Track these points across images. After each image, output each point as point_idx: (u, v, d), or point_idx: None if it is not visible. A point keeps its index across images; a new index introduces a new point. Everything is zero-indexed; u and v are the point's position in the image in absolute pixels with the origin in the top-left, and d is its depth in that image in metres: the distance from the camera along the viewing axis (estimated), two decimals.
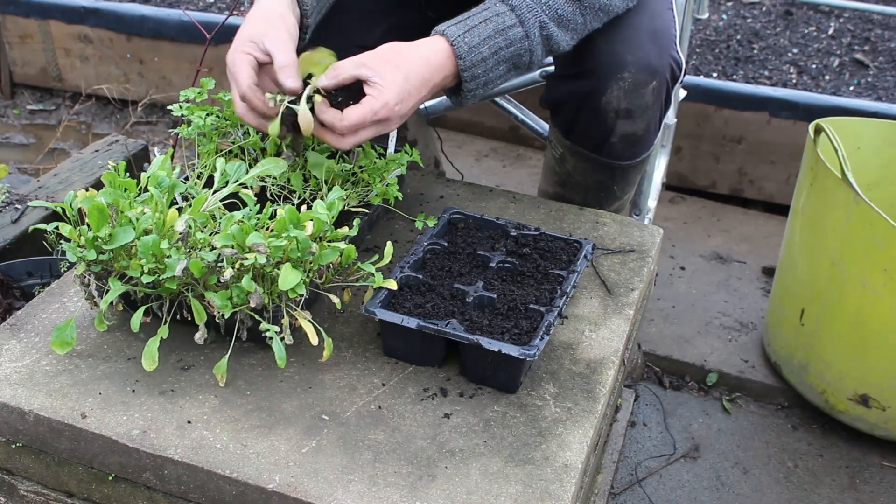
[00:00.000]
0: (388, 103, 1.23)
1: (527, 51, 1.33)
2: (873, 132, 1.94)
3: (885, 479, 1.78)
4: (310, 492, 1.03)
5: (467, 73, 1.30)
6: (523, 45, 1.32)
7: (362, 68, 1.24)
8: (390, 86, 1.23)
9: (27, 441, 1.16)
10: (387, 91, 1.23)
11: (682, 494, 1.73)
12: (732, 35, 3.11)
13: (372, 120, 1.24)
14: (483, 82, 1.33)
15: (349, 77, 1.25)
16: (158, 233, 1.15)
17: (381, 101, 1.23)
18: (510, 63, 1.34)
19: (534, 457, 1.09)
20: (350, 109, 1.24)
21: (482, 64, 1.30)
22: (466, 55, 1.29)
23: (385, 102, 1.23)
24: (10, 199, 1.94)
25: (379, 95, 1.23)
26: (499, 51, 1.31)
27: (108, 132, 2.99)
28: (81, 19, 3.01)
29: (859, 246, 1.66)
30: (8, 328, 1.26)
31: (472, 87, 1.33)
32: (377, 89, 1.23)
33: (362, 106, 1.23)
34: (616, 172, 1.63)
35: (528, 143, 2.84)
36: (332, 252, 1.16)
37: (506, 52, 1.32)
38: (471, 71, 1.30)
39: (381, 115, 1.23)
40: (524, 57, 1.34)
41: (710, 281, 2.27)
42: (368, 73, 1.24)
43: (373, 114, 1.23)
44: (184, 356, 1.22)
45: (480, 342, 1.14)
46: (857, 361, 1.74)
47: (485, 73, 1.32)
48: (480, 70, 1.31)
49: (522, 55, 1.34)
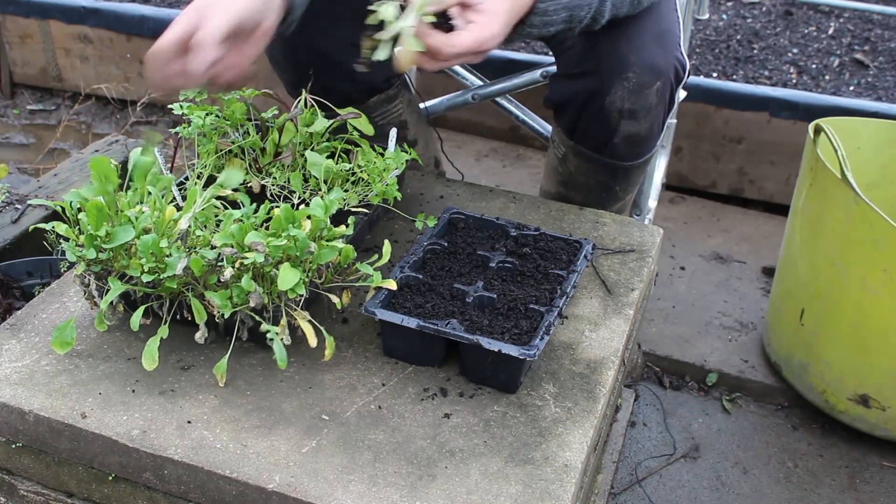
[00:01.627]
0: (496, 35, 1.17)
1: (588, 5, 1.29)
2: (873, 132, 1.93)
3: (885, 479, 1.78)
4: (310, 492, 1.03)
5: (542, 6, 1.24)
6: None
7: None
8: (498, 15, 1.17)
9: (27, 441, 1.16)
10: (496, 21, 1.16)
11: (682, 494, 1.73)
12: (732, 35, 3.11)
13: (475, 51, 1.17)
14: (545, 21, 1.27)
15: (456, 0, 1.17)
16: (158, 231, 1.15)
17: (490, 32, 1.16)
18: (571, 13, 1.29)
19: (534, 457, 1.09)
20: (457, 36, 1.16)
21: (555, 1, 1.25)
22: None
23: (493, 34, 1.16)
24: (10, 199, 1.94)
25: (489, 24, 1.16)
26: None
27: (108, 132, 2.98)
28: (81, 19, 3.00)
29: (859, 246, 1.66)
30: (8, 328, 1.26)
31: (536, 23, 1.26)
32: (487, 17, 1.16)
33: (471, 34, 1.16)
34: (618, 173, 1.63)
35: (528, 143, 2.84)
36: (331, 251, 1.16)
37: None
38: (546, 4, 1.24)
39: (486, 46, 1.16)
40: (583, 11, 1.29)
41: (710, 281, 2.27)
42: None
43: (478, 44, 1.16)
44: (184, 356, 1.22)
45: (480, 342, 1.14)
46: (857, 361, 1.74)
47: (553, 13, 1.26)
48: (552, 7, 1.25)
49: (583, 8, 1.29)
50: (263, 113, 1.48)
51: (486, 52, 1.18)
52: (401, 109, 1.82)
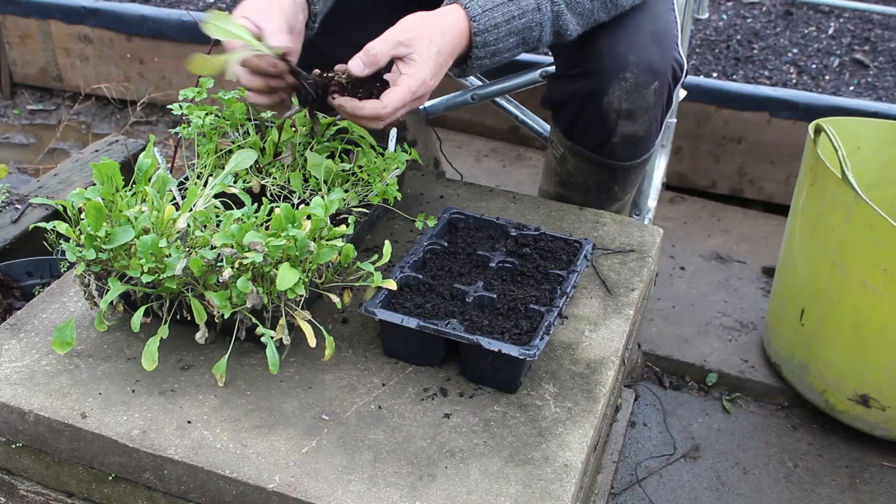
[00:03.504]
0: (426, 81, 1.20)
1: (537, 24, 1.31)
2: (873, 132, 1.93)
3: (885, 479, 1.78)
4: (310, 492, 1.03)
5: (479, 38, 1.26)
6: (534, 18, 1.30)
7: (399, 47, 1.20)
8: (426, 62, 1.20)
9: (27, 441, 1.16)
10: (424, 68, 1.20)
11: (682, 494, 1.73)
12: (732, 35, 3.11)
13: (411, 100, 1.20)
14: (492, 51, 1.29)
15: (386, 60, 1.21)
16: (157, 231, 1.15)
17: (419, 80, 1.20)
18: (520, 36, 1.30)
19: (534, 457, 1.09)
20: (389, 94, 1.20)
21: (494, 31, 1.27)
22: (480, 17, 1.25)
23: (423, 80, 1.20)
24: (10, 199, 1.94)
25: (417, 73, 1.20)
26: (511, 19, 1.28)
27: (108, 132, 2.99)
28: (81, 19, 3.01)
29: (859, 246, 1.66)
30: (8, 328, 1.26)
31: (482, 55, 1.29)
32: (414, 67, 1.20)
33: (401, 87, 1.20)
34: (617, 173, 1.63)
35: (528, 143, 2.84)
36: (331, 251, 1.16)
37: (518, 22, 1.28)
38: (483, 36, 1.26)
39: (419, 93, 1.20)
40: (535, 31, 1.31)
41: (710, 281, 2.27)
42: (406, 51, 1.20)
43: (412, 94, 1.20)
44: (184, 356, 1.22)
45: (480, 342, 1.14)
46: (857, 361, 1.74)
47: (495, 42, 1.28)
48: (492, 37, 1.27)
49: (533, 28, 1.31)
50: (263, 113, 1.47)
51: (423, 96, 1.23)
52: None
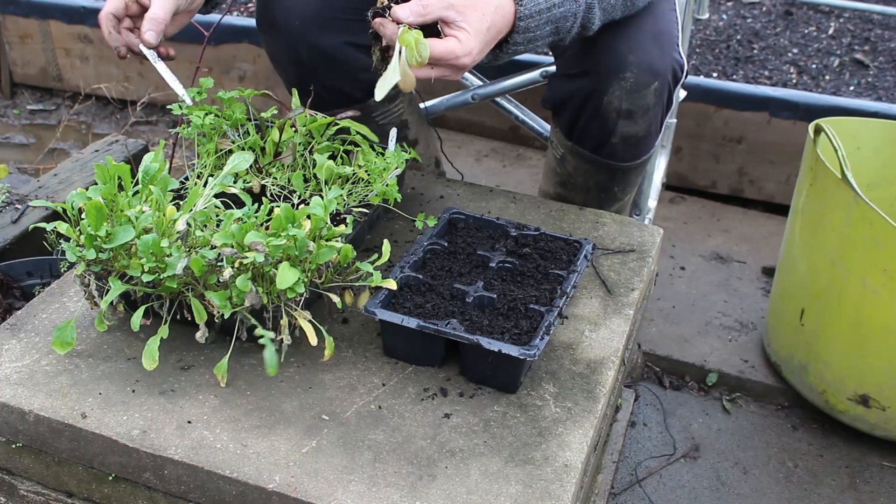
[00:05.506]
0: (471, 52, 1.17)
1: (573, 14, 1.29)
2: (873, 132, 1.93)
3: (885, 479, 1.78)
4: (310, 492, 1.03)
5: (522, 23, 1.24)
6: (571, 8, 1.28)
7: (451, 11, 1.17)
8: (477, 35, 1.17)
9: (27, 441, 1.16)
10: (473, 39, 1.17)
11: (682, 494, 1.73)
12: (732, 35, 3.11)
13: (448, 63, 1.17)
14: (529, 38, 1.27)
15: (436, 18, 1.17)
16: (158, 231, 1.15)
17: (465, 48, 1.16)
18: (556, 25, 1.29)
19: (534, 457, 1.09)
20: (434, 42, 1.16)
21: (537, 17, 1.25)
22: (526, 1, 1.23)
23: (468, 51, 1.17)
24: (10, 199, 1.94)
25: (466, 41, 1.17)
26: (553, 7, 1.26)
27: (108, 132, 2.98)
28: (81, 19, 3.00)
29: (859, 246, 1.66)
30: (8, 328, 1.26)
31: (519, 41, 1.27)
32: (464, 34, 1.17)
33: (446, 44, 1.16)
34: (616, 174, 1.63)
35: (528, 143, 2.84)
36: (330, 250, 1.16)
37: (557, 10, 1.26)
38: (526, 21, 1.24)
39: (461, 62, 1.17)
40: (569, 21, 1.30)
41: (710, 281, 2.27)
42: (456, 17, 1.17)
43: (454, 57, 1.16)
44: (184, 356, 1.22)
45: (480, 342, 1.14)
46: (856, 361, 1.74)
47: (536, 28, 1.26)
48: (534, 23, 1.26)
49: (568, 18, 1.29)
50: (263, 113, 1.48)
51: (460, 67, 1.19)
52: (401, 109, 1.82)
